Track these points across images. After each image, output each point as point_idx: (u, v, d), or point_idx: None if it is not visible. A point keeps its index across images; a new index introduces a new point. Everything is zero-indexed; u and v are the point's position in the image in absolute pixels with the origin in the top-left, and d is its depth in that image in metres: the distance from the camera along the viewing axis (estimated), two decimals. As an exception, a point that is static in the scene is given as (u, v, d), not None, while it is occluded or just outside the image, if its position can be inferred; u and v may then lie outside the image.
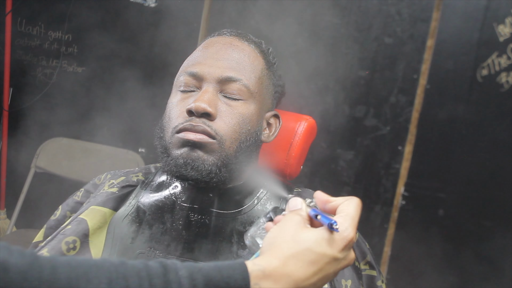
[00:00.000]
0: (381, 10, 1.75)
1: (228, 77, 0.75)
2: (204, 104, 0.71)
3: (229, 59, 0.77)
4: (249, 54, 0.80)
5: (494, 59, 1.62)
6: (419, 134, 1.73)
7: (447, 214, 1.71)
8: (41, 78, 2.25)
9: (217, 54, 0.77)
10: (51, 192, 2.11)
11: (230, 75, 0.75)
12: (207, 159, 0.71)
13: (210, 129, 0.71)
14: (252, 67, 0.79)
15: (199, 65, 0.76)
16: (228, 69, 0.75)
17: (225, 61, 0.76)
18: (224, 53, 0.77)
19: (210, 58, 0.77)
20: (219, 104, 0.74)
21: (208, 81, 0.75)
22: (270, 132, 0.84)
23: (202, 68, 0.76)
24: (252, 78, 0.77)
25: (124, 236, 0.75)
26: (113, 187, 0.83)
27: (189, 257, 0.72)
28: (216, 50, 0.78)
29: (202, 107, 0.71)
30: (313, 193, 0.87)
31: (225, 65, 0.76)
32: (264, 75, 0.81)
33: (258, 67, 0.80)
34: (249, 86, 0.76)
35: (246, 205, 0.78)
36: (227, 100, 0.75)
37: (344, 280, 0.76)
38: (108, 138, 2.17)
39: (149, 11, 2.09)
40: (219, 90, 0.75)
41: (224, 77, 0.75)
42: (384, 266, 1.78)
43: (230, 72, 0.75)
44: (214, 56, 0.77)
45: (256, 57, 0.81)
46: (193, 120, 0.72)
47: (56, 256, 0.53)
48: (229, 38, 0.82)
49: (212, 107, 0.72)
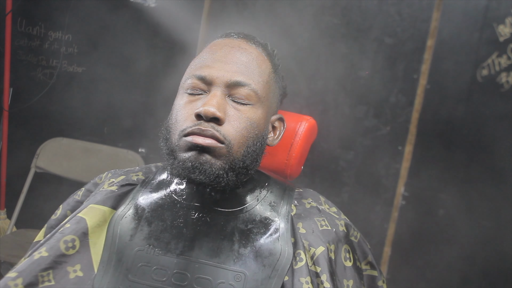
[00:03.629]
0: (381, 10, 1.75)
1: (237, 81, 0.75)
2: (213, 108, 0.71)
3: (238, 63, 0.76)
4: (257, 58, 0.79)
5: (494, 59, 1.62)
6: (419, 134, 1.73)
7: (447, 214, 1.71)
8: (41, 78, 2.25)
9: (226, 58, 0.77)
10: (51, 192, 2.11)
11: (239, 80, 0.75)
12: (215, 163, 0.71)
13: (218, 133, 0.71)
14: (260, 71, 0.78)
15: (207, 68, 0.76)
16: (237, 73, 0.75)
17: (234, 65, 0.76)
18: (232, 57, 0.77)
19: (219, 62, 0.76)
20: (227, 108, 0.74)
21: (216, 85, 0.75)
22: (274, 136, 0.84)
23: (210, 71, 0.75)
24: (260, 83, 0.77)
25: (123, 234, 0.75)
26: (112, 185, 0.83)
27: (189, 255, 0.72)
28: (225, 53, 0.78)
29: (211, 111, 0.71)
30: (313, 193, 0.87)
31: (234, 69, 0.75)
32: (271, 78, 0.81)
33: (265, 71, 0.80)
34: (258, 91, 0.76)
35: (248, 203, 0.78)
36: (235, 105, 0.75)
37: (346, 280, 0.76)
38: (108, 138, 2.17)
39: (149, 11, 2.09)
40: (227, 94, 0.75)
41: (233, 81, 0.74)
42: (384, 266, 1.78)
43: (239, 77, 0.75)
44: (223, 59, 0.77)
45: (264, 61, 0.81)
46: (202, 124, 0.71)
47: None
48: (237, 40, 0.81)
49: (221, 111, 0.72)
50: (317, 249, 0.74)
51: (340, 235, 0.80)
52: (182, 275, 0.71)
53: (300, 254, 0.73)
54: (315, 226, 0.78)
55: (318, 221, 0.79)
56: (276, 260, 0.72)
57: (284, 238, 0.74)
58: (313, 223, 0.78)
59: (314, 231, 0.77)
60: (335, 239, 0.78)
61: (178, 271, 0.71)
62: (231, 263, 0.71)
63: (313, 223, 0.78)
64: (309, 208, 0.81)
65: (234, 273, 0.71)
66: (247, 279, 0.70)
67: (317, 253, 0.74)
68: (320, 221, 0.79)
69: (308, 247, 0.74)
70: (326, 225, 0.79)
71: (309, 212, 0.81)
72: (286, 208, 0.79)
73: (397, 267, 1.78)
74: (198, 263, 0.72)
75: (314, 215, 0.80)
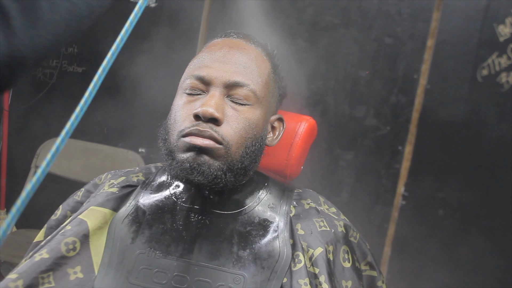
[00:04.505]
0: (381, 10, 1.75)
1: (235, 82, 0.74)
2: (212, 109, 0.71)
3: (237, 63, 0.76)
4: (256, 58, 0.79)
5: (494, 59, 1.62)
6: (419, 134, 1.73)
7: (447, 214, 1.71)
8: (41, 78, 2.25)
9: (225, 58, 0.76)
10: (51, 192, 2.11)
11: (238, 80, 0.74)
12: (213, 164, 0.71)
13: (217, 134, 0.71)
14: (259, 71, 0.78)
15: (206, 68, 0.76)
16: (236, 74, 0.75)
17: (233, 65, 0.76)
18: (231, 57, 0.77)
19: (217, 62, 0.76)
20: (226, 108, 0.74)
21: (215, 85, 0.74)
22: (274, 136, 0.84)
23: (209, 71, 0.75)
24: (259, 83, 0.77)
25: (124, 236, 0.75)
26: (113, 187, 0.83)
27: (189, 258, 0.72)
28: (224, 53, 0.77)
29: (209, 112, 0.70)
30: (313, 193, 0.87)
31: (233, 69, 0.75)
32: (270, 79, 0.81)
33: (265, 71, 0.80)
34: (256, 92, 0.76)
35: (247, 205, 0.78)
36: (233, 105, 0.74)
37: (344, 281, 0.76)
38: (108, 138, 2.17)
39: (149, 11, 2.09)
40: (226, 95, 0.75)
41: (232, 81, 0.74)
42: (384, 266, 1.78)
43: (237, 77, 0.74)
44: (222, 59, 0.76)
45: (263, 61, 0.81)
46: (200, 125, 0.71)
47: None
48: (236, 40, 0.81)
49: (219, 112, 0.71)
50: (316, 250, 0.74)
51: (339, 236, 0.79)
52: (182, 278, 0.71)
53: (299, 255, 0.73)
54: (314, 227, 0.78)
55: (317, 222, 0.79)
56: (275, 262, 0.72)
57: (283, 240, 0.74)
58: (312, 224, 0.78)
59: (313, 232, 0.77)
60: (333, 240, 0.78)
61: (178, 274, 0.71)
62: (230, 266, 0.71)
63: (312, 224, 0.78)
64: (308, 209, 0.81)
65: (234, 276, 0.71)
66: (246, 281, 0.70)
67: (316, 254, 0.74)
68: (319, 222, 0.79)
69: (307, 248, 0.74)
70: (324, 226, 0.79)
71: (308, 213, 0.80)
72: (285, 209, 0.79)
73: (397, 267, 1.78)
74: (197, 265, 0.72)
75: (313, 216, 0.80)
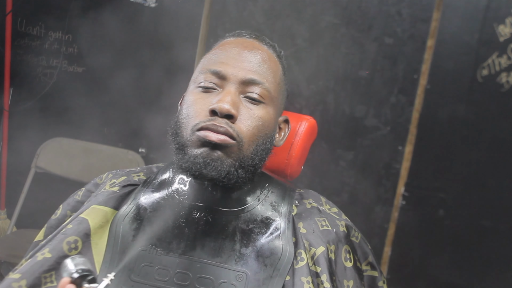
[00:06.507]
0: (381, 10, 1.75)
1: (251, 79, 0.75)
2: (228, 105, 0.71)
3: (252, 62, 0.77)
4: (269, 59, 0.80)
5: (494, 59, 1.63)
6: (419, 134, 1.73)
7: (447, 214, 1.71)
8: (41, 78, 2.25)
9: (240, 56, 0.77)
10: (51, 192, 2.11)
11: (254, 78, 0.75)
12: (226, 160, 0.71)
13: (232, 130, 0.71)
14: (273, 71, 0.79)
15: (222, 64, 0.76)
16: (252, 72, 0.75)
17: (249, 63, 0.76)
18: (247, 55, 0.77)
19: (233, 59, 0.76)
20: (240, 106, 0.74)
21: (231, 82, 0.75)
22: (280, 137, 0.84)
23: (225, 68, 0.75)
24: (273, 83, 0.78)
25: (126, 234, 0.75)
26: (114, 186, 0.83)
27: (191, 255, 0.72)
28: (238, 51, 0.78)
29: (226, 108, 0.71)
30: (314, 194, 0.87)
31: (249, 67, 0.76)
32: (281, 80, 0.82)
33: (277, 72, 0.80)
34: (271, 90, 0.77)
35: (250, 203, 0.78)
36: (247, 103, 0.75)
37: (346, 281, 0.76)
38: (108, 138, 2.17)
39: (149, 11, 2.09)
40: (240, 92, 0.75)
41: (248, 79, 0.75)
42: (384, 266, 1.78)
43: (253, 75, 0.75)
44: (237, 57, 0.77)
45: (275, 62, 0.81)
46: (216, 120, 0.71)
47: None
48: (249, 40, 0.81)
49: (235, 108, 0.72)
50: (318, 249, 0.74)
51: (341, 235, 0.80)
52: (184, 275, 0.71)
53: (301, 253, 0.73)
54: (316, 226, 0.78)
55: (319, 221, 0.79)
56: (278, 259, 0.72)
57: (285, 237, 0.75)
58: (314, 223, 0.78)
59: (315, 231, 0.77)
60: (335, 239, 0.78)
61: (180, 271, 0.71)
62: (232, 263, 0.72)
63: (314, 223, 0.78)
64: (309, 208, 0.82)
65: (236, 273, 0.71)
66: (248, 278, 0.70)
67: (317, 253, 0.74)
68: (321, 221, 0.79)
69: (309, 247, 0.75)
70: (326, 226, 0.79)
71: (310, 212, 0.81)
72: (287, 208, 0.79)
73: (397, 267, 1.78)
74: (200, 262, 0.72)
75: (315, 215, 0.80)
